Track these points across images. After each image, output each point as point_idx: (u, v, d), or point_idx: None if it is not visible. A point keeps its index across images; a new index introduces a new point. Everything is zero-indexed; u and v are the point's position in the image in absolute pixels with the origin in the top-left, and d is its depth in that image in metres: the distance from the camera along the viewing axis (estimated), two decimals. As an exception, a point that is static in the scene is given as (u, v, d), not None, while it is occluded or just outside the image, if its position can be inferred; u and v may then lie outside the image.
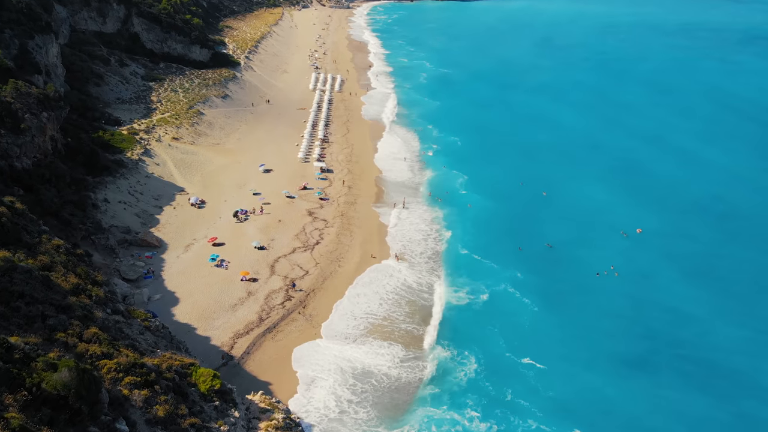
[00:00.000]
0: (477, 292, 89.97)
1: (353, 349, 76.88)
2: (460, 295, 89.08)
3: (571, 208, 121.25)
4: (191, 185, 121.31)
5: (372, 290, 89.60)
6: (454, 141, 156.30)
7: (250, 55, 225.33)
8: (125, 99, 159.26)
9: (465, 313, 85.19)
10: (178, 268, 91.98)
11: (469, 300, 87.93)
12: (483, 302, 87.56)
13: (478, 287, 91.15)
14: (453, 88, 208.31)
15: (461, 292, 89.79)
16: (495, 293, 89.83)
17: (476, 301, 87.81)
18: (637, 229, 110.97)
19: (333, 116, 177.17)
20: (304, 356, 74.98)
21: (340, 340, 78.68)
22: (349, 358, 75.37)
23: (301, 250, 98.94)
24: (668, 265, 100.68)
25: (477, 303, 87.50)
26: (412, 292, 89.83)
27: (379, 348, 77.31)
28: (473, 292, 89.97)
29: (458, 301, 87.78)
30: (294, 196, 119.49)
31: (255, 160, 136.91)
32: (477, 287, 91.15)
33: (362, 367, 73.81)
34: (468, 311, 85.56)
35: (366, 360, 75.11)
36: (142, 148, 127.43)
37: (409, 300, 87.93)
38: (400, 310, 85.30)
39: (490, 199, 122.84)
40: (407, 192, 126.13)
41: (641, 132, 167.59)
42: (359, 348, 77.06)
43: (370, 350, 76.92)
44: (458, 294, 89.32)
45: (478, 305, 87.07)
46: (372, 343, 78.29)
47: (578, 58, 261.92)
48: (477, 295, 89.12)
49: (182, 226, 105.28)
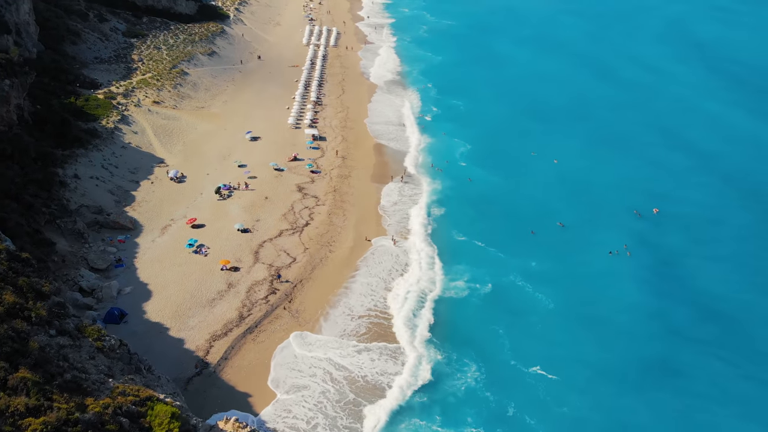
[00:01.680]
0: (479, 282, 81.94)
1: (338, 351, 69.56)
2: (459, 285, 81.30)
3: (583, 178, 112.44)
4: (172, 156, 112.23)
5: (363, 281, 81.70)
6: (455, 104, 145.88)
7: (240, 6, 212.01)
8: (104, 58, 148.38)
9: (465, 309, 77.49)
10: (152, 254, 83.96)
11: (470, 291, 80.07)
12: (486, 296, 79.60)
13: (481, 277, 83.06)
14: (456, 42, 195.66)
15: (460, 281, 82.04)
16: (501, 286, 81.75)
17: (478, 294, 79.89)
18: (653, 208, 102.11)
19: (327, 74, 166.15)
20: (286, 362, 67.60)
21: (325, 340, 71.21)
22: (335, 361, 68.10)
23: (288, 233, 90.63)
24: (691, 248, 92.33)
25: (479, 296, 79.61)
26: (407, 283, 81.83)
27: (366, 350, 70.02)
28: (475, 282, 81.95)
29: (457, 293, 80.00)
30: (283, 169, 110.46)
31: (242, 126, 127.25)
32: (479, 277, 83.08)
33: (347, 373, 66.47)
34: (468, 307, 77.82)
35: (352, 364, 67.80)
36: (118, 115, 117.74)
37: (402, 292, 79.97)
38: (391, 305, 77.55)
39: (493, 171, 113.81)
40: (406, 162, 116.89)
41: (664, 94, 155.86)
42: (344, 350, 69.71)
43: (357, 352, 69.63)
44: (457, 285, 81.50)
45: (480, 299, 79.19)
46: (359, 345, 70.91)
47: (592, 6, 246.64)
48: (480, 287, 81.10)
49: (160, 203, 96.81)
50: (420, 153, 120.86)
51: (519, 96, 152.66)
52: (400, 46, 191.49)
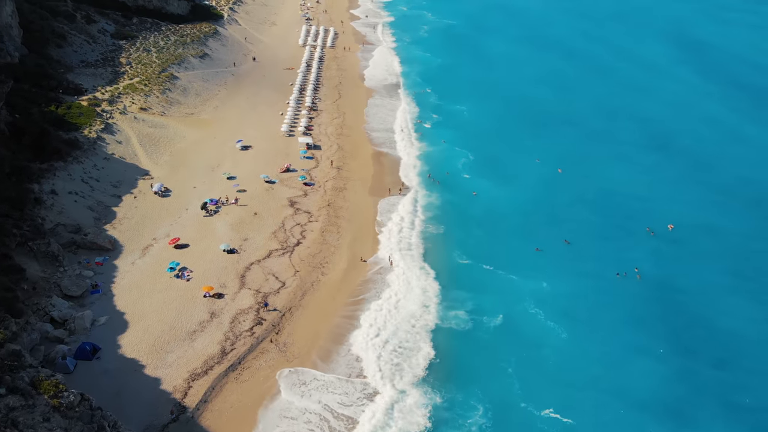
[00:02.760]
0: (486, 310, 76.02)
1: (325, 392, 63.78)
2: (461, 316, 75.11)
3: (590, 189, 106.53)
4: (157, 167, 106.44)
5: (358, 309, 75.90)
6: (456, 109, 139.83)
7: (235, 5, 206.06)
8: (90, 62, 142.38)
9: (470, 343, 71.47)
10: (131, 279, 78.24)
11: (474, 324, 74.02)
12: (496, 326, 73.64)
13: (488, 306, 77.06)
14: (456, 43, 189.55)
15: (461, 312, 75.75)
16: (511, 313, 75.78)
17: (484, 325, 73.96)
18: (668, 225, 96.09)
19: (324, 77, 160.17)
20: (271, 407, 61.84)
21: (313, 378, 65.45)
22: (323, 403, 62.40)
23: (278, 254, 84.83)
24: (710, 274, 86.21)
25: (486, 327, 73.65)
26: (405, 312, 75.94)
27: (354, 391, 64.18)
28: (480, 312, 75.94)
29: (459, 325, 73.96)
30: (274, 181, 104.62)
31: (232, 133, 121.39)
32: (486, 306, 77.10)
33: (335, 418, 60.85)
34: (473, 340, 71.81)
35: (339, 405, 62.16)
36: (102, 123, 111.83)
37: (399, 323, 74.15)
38: (390, 339, 71.62)
39: (498, 183, 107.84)
40: (404, 174, 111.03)
41: (669, 98, 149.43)
42: (333, 392, 63.87)
43: (344, 392, 63.89)
44: (458, 315, 75.31)
45: (487, 330, 73.21)
46: (347, 385, 65.07)
47: (597, 7, 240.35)
48: (486, 318, 75.16)
49: (142, 220, 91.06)
50: (419, 163, 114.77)
51: (522, 99, 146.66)
52: (400, 47, 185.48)
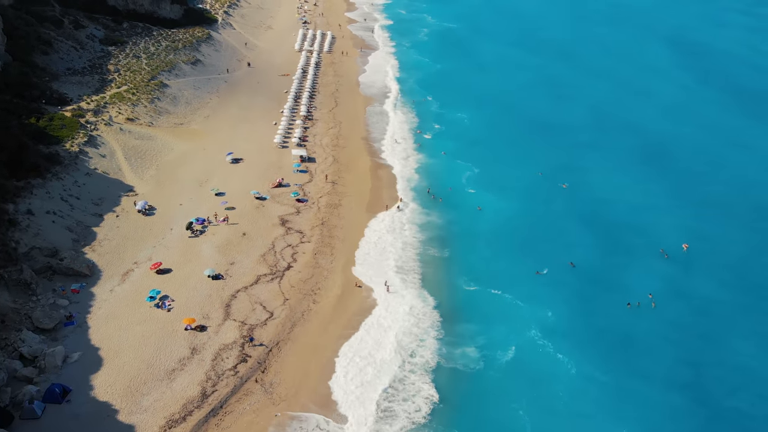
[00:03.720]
0: (492, 347, 70.37)
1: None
2: (464, 351, 69.54)
3: (596, 206, 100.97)
4: (143, 182, 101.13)
5: (351, 344, 70.31)
6: (458, 118, 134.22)
7: (230, 9, 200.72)
8: (77, 69, 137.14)
9: (475, 381, 65.91)
10: (109, 308, 72.88)
11: (479, 359, 68.48)
12: (502, 363, 68.07)
13: (493, 338, 71.53)
14: (457, 48, 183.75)
15: (466, 347, 70.17)
16: (519, 347, 70.17)
17: (490, 361, 68.39)
18: (683, 244, 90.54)
19: (320, 84, 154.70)
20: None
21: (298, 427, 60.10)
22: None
23: (267, 280, 79.36)
24: (730, 296, 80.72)
25: (492, 364, 68.07)
26: (403, 346, 70.36)
27: None
28: (485, 345, 70.40)
29: (463, 361, 68.36)
30: (265, 197, 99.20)
31: (223, 145, 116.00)
32: (491, 337, 71.55)
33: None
34: (478, 379, 66.25)
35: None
36: (85, 136, 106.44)
37: (396, 360, 68.65)
38: (386, 379, 66.09)
39: (503, 197, 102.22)
40: (403, 188, 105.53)
41: (678, 107, 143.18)
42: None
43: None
44: (461, 350, 69.72)
45: (493, 368, 67.62)
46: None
47: (598, 10, 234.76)
48: (492, 352, 69.61)
49: (123, 242, 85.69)
50: (418, 177, 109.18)
51: (523, 107, 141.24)
52: (399, 51, 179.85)
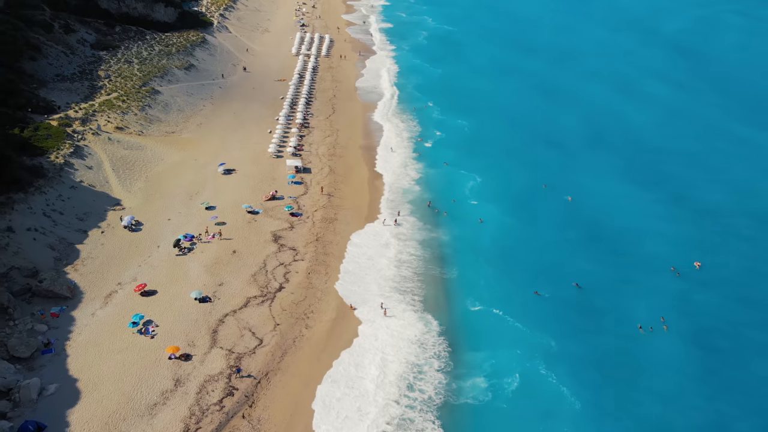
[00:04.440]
0: (494, 377, 66.12)
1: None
2: (480, 384, 65.04)
3: (603, 219, 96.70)
4: (130, 195, 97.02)
5: (344, 374, 66.06)
6: (459, 125, 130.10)
7: (226, 12, 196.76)
8: (66, 75, 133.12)
9: (477, 417, 61.69)
10: (89, 334, 68.76)
11: (480, 393, 64.26)
12: (502, 396, 63.85)
13: (494, 367, 67.30)
14: (458, 51, 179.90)
15: (469, 379, 65.83)
16: (527, 377, 65.82)
17: (492, 394, 64.17)
18: (695, 262, 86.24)
19: (317, 90, 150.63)
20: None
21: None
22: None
23: (257, 302, 75.16)
24: (748, 315, 76.47)
25: (493, 397, 63.88)
26: (402, 377, 66.20)
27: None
28: (487, 376, 66.20)
29: (464, 395, 64.07)
30: (258, 211, 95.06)
31: (215, 155, 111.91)
32: (491, 367, 67.35)
33: None
34: (480, 414, 62.04)
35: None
36: (71, 147, 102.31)
37: (394, 394, 64.45)
38: (383, 416, 61.87)
39: (506, 210, 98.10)
40: (402, 201, 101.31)
41: (690, 115, 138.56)
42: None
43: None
44: (463, 382, 65.43)
45: (495, 401, 63.41)
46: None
47: (602, 12, 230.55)
48: (493, 383, 65.38)
49: (108, 261, 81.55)
50: (419, 189, 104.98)
51: (526, 113, 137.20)
52: (398, 55, 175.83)
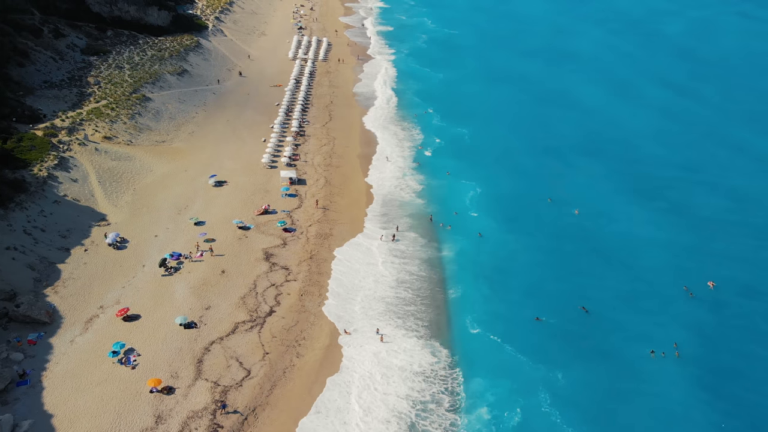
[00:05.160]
0: (500, 411, 61.87)
1: None
2: (475, 421, 60.85)
3: (611, 235, 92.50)
4: (116, 210, 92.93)
5: (337, 410, 61.84)
6: (460, 133, 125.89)
7: (222, 15, 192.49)
8: (54, 82, 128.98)
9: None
10: (67, 364, 64.65)
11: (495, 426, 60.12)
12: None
13: (497, 401, 62.99)
14: (459, 55, 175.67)
15: (477, 412, 61.55)
16: (528, 413, 61.44)
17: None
18: (708, 282, 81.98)
19: (314, 96, 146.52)
20: None
21: None
22: None
23: (245, 328, 70.96)
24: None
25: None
26: (402, 418, 61.90)
27: None
28: (496, 408, 61.95)
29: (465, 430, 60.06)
30: (249, 227, 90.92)
31: (207, 165, 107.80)
32: (494, 400, 63.06)
33: None
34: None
35: None
36: (56, 158, 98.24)
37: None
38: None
39: (508, 225, 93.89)
40: (401, 214, 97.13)
41: (700, 123, 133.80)
42: None
43: None
44: (470, 422, 61.07)
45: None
46: None
47: (607, 14, 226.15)
48: (494, 418, 61.22)
49: (90, 282, 77.44)
50: (420, 202, 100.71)
51: (531, 121, 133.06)
52: (398, 59, 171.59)
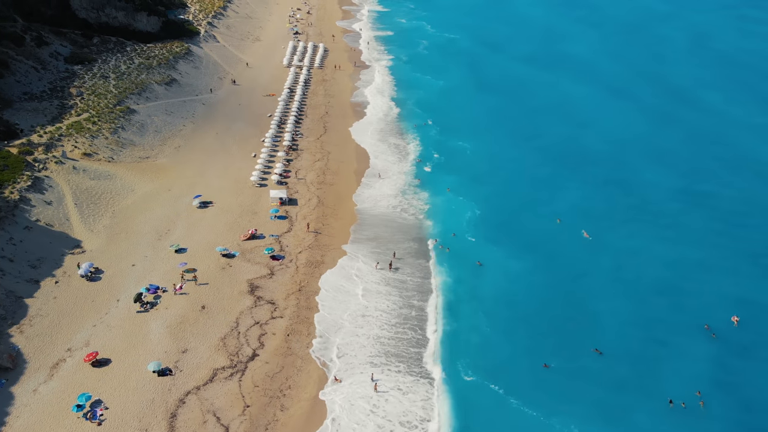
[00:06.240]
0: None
1: None
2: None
3: (626, 263, 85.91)
4: (93, 235, 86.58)
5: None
6: (460, 146, 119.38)
7: (215, 20, 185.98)
8: (35, 94, 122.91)
9: None
10: (27, 419, 58.34)
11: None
12: None
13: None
14: (459, 61, 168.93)
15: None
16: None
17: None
18: (732, 316, 75.37)
19: (308, 106, 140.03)
20: None
21: None
22: None
23: (225, 375, 64.46)
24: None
25: None
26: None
27: None
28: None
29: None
30: (234, 254, 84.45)
31: (192, 184, 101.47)
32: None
33: None
34: None
35: None
36: (30, 179, 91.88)
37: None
38: None
39: (511, 250, 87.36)
40: (399, 237, 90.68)
41: (716, 136, 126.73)
42: None
43: None
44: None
45: None
46: None
47: (611, 18, 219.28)
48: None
49: (59, 319, 71.11)
50: (420, 223, 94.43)
51: (536, 133, 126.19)
52: (397, 66, 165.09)
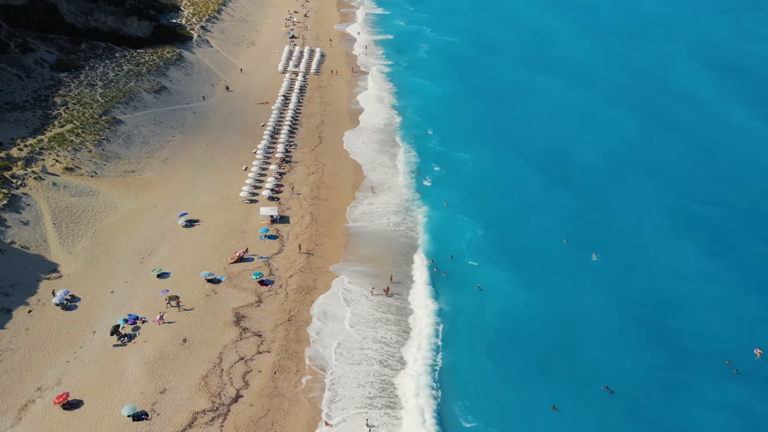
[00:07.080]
0: None
1: None
2: None
3: (637, 288, 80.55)
4: (71, 258, 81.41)
5: None
6: (461, 158, 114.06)
7: (209, 24, 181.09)
8: (17, 103, 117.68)
9: None
10: (-15, 471, 53.21)
11: None
12: None
13: None
14: (460, 67, 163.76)
15: None
16: None
17: None
18: (755, 349, 70.04)
19: (303, 115, 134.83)
20: None
21: None
22: None
23: (205, 420, 59.18)
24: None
25: None
26: None
27: None
28: None
29: None
30: (220, 279, 79.20)
31: (178, 200, 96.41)
32: None
33: None
34: None
35: None
36: (6, 197, 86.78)
37: None
38: None
39: (514, 274, 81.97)
40: (396, 259, 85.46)
41: (725, 145, 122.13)
42: None
43: None
44: None
45: None
46: None
47: (613, 22, 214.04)
48: None
49: (30, 354, 66.01)
50: (419, 242, 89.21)
51: (542, 144, 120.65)
52: (395, 72, 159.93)
